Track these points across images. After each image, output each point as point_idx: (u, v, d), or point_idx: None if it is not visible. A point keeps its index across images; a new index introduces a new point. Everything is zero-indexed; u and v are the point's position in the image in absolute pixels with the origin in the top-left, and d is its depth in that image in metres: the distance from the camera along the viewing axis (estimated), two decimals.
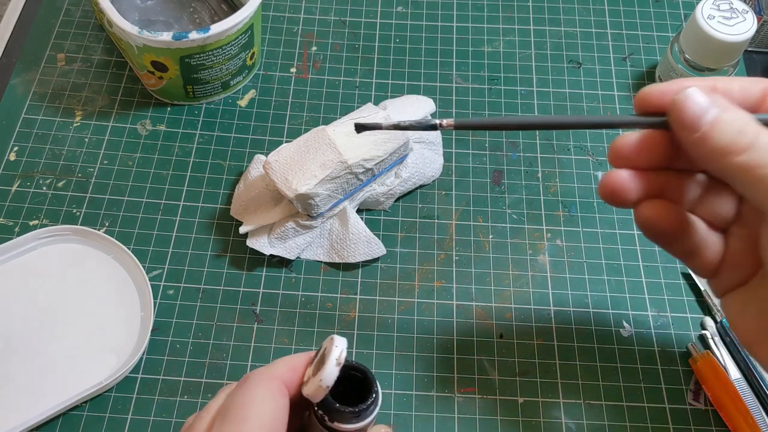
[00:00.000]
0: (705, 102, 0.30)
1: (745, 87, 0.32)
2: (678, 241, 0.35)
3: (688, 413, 0.43)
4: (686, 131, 0.31)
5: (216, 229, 0.48)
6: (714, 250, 0.35)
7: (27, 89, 0.53)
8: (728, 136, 0.29)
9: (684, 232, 0.34)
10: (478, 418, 0.42)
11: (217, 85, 0.52)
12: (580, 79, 0.55)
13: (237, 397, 0.30)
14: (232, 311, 0.45)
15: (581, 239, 0.48)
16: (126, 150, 0.51)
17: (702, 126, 0.30)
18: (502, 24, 0.58)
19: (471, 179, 0.51)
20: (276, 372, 0.31)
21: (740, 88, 0.32)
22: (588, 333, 0.45)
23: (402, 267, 0.47)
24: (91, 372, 0.42)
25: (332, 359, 0.30)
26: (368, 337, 0.45)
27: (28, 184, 0.49)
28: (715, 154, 0.30)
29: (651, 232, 0.35)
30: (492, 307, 0.46)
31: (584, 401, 0.43)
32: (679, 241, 0.35)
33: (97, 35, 0.56)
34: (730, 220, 0.35)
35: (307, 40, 0.57)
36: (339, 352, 0.30)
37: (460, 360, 0.44)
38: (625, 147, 0.33)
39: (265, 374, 0.31)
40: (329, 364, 0.30)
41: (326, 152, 0.44)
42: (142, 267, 0.45)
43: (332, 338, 0.31)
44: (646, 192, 0.34)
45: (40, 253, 0.46)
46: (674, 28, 0.58)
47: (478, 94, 0.54)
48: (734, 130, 0.29)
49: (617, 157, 0.34)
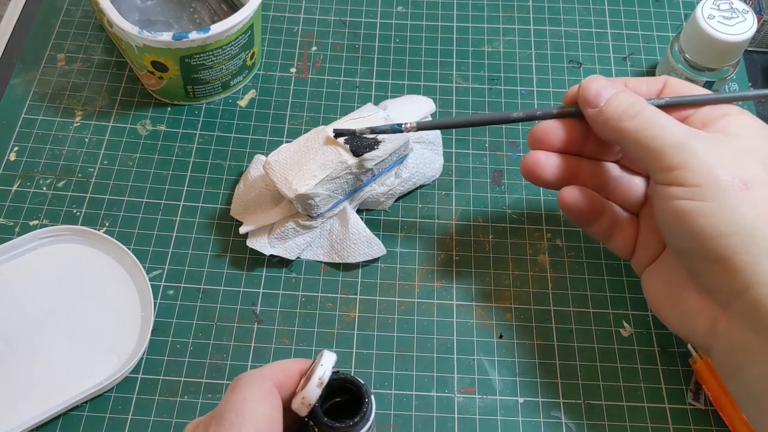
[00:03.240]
0: (604, 83, 0.38)
1: (651, 82, 0.40)
2: (595, 222, 0.41)
3: (688, 413, 0.43)
4: (588, 106, 0.38)
5: (216, 229, 0.48)
6: (628, 231, 0.42)
7: (27, 89, 0.53)
8: (620, 108, 0.37)
9: (600, 214, 0.41)
10: (478, 418, 0.42)
11: (217, 85, 0.52)
12: (580, 79, 0.55)
13: (230, 400, 0.30)
14: (232, 311, 0.45)
15: (581, 239, 0.48)
16: (126, 150, 0.51)
17: (600, 102, 0.38)
18: (502, 24, 0.58)
19: (471, 179, 0.51)
20: (268, 373, 0.31)
21: (647, 83, 0.40)
22: (588, 333, 0.45)
23: (402, 267, 0.47)
24: (91, 372, 0.42)
25: (315, 379, 0.30)
26: (368, 337, 0.45)
27: (28, 184, 0.49)
28: (611, 121, 0.37)
29: (571, 214, 0.41)
30: (492, 307, 0.46)
31: (584, 401, 0.43)
32: (597, 222, 0.41)
33: (97, 35, 0.56)
34: (640, 204, 0.42)
35: (307, 40, 0.57)
36: (323, 372, 0.31)
37: (460, 360, 0.44)
38: (540, 131, 0.41)
39: (257, 376, 0.31)
40: (311, 384, 0.30)
41: (326, 152, 0.44)
42: (142, 267, 0.45)
43: (321, 354, 0.31)
44: (560, 171, 0.41)
45: (40, 253, 0.46)
46: (674, 28, 0.58)
47: (478, 94, 0.54)
48: (625, 103, 0.37)
49: (534, 140, 0.41)
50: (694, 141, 0.35)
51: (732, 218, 0.34)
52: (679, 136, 0.36)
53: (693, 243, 0.35)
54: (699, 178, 0.34)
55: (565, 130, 0.41)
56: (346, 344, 0.44)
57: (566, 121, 0.41)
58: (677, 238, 0.36)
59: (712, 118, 0.38)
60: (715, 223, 0.34)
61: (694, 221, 0.34)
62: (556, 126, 0.41)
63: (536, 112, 0.41)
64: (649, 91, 0.40)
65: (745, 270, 0.33)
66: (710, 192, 0.34)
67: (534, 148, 0.41)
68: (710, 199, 0.34)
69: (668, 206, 0.35)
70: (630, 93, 0.38)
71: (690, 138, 0.36)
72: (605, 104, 0.38)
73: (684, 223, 0.35)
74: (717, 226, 0.34)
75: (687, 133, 0.36)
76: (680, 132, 0.36)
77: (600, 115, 0.38)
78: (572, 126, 0.41)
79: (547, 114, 0.41)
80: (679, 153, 0.35)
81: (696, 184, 0.34)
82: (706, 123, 0.38)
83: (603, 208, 0.41)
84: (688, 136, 0.36)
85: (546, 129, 0.41)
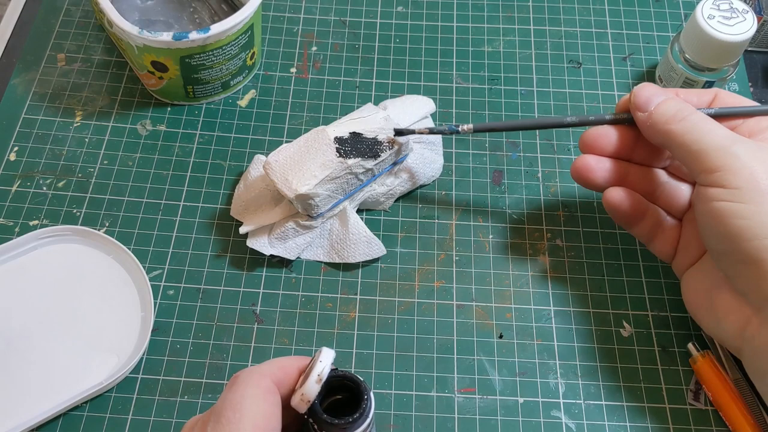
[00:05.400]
0: (656, 91, 0.40)
1: (701, 93, 0.42)
2: (639, 223, 0.43)
3: (688, 413, 0.43)
4: (639, 110, 0.40)
5: (216, 229, 0.48)
6: (671, 234, 0.43)
7: (27, 89, 0.53)
8: (669, 112, 0.39)
9: (643, 216, 0.43)
10: (478, 418, 0.42)
11: (217, 85, 0.52)
12: (580, 79, 0.55)
13: (228, 397, 0.30)
14: (232, 311, 0.45)
15: (581, 239, 0.48)
16: (126, 150, 0.51)
17: (650, 107, 0.40)
18: (502, 24, 0.58)
19: (471, 179, 0.51)
20: (266, 370, 0.31)
21: (697, 94, 0.42)
22: (588, 333, 0.45)
23: (402, 267, 0.47)
24: (91, 372, 0.42)
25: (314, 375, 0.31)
26: (368, 337, 0.45)
27: (28, 184, 0.49)
28: (659, 124, 0.39)
29: (615, 214, 0.43)
30: (492, 307, 0.46)
31: (584, 401, 0.43)
32: (640, 223, 0.43)
33: (97, 35, 0.56)
34: (684, 209, 0.43)
35: (307, 40, 0.57)
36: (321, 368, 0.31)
37: (460, 360, 0.44)
38: (591, 136, 0.42)
39: (256, 373, 0.31)
40: (310, 380, 0.31)
41: (326, 152, 0.44)
42: (143, 267, 0.45)
43: (320, 351, 0.31)
44: (609, 175, 0.42)
45: (40, 254, 0.46)
46: (674, 28, 0.58)
47: (478, 94, 0.54)
48: (674, 108, 0.39)
49: (585, 144, 0.43)
50: (738, 145, 0.36)
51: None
52: (723, 140, 0.37)
53: (729, 245, 0.36)
54: (739, 180, 0.35)
55: (617, 136, 0.42)
56: (346, 344, 0.44)
57: (618, 127, 0.42)
58: (714, 240, 0.37)
59: (759, 128, 0.39)
60: (751, 225, 0.35)
61: (732, 222, 0.35)
62: (607, 132, 0.42)
63: (589, 117, 0.43)
64: (700, 102, 0.41)
65: None
66: (749, 195, 0.35)
67: (585, 152, 0.43)
68: (749, 201, 0.35)
69: (708, 207, 0.36)
70: (679, 100, 0.40)
71: (734, 142, 0.37)
72: (655, 109, 0.39)
73: (721, 225, 0.36)
74: (753, 228, 0.35)
75: (731, 138, 0.37)
76: (725, 136, 0.37)
77: (649, 119, 0.40)
78: (623, 132, 0.42)
79: (600, 120, 0.43)
80: (721, 156, 0.36)
81: (736, 187, 0.35)
82: (753, 133, 0.39)
83: (646, 211, 0.43)
84: (732, 141, 0.37)
85: (597, 134, 0.42)
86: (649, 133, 0.40)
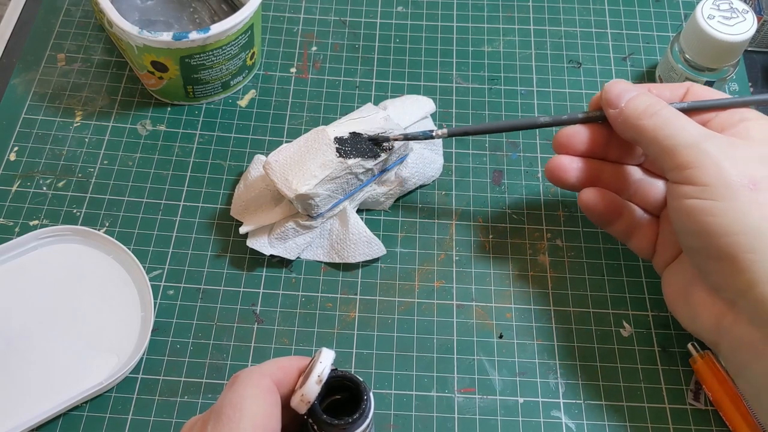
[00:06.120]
0: (627, 86, 0.40)
1: (674, 88, 0.41)
2: (615, 222, 0.43)
3: (688, 413, 0.43)
4: (610, 107, 0.40)
5: (216, 229, 0.48)
6: (648, 231, 0.43)
7: (27, 89, 0.53)
8: (640, 108, 0.39)
9: (619, 215, 0.43)
10: (478, 418, 0.42)
11: (217, 85, 0.52)
12: (580, 79, 0.55)
13: (228, 396, 0.30)
14: (232, 311, 0.45)
15: (581, 239, 0.48)
16: (126, 150, 0.51)
17: (621, 102, 0.39)
18: (502, 24, 0.58)
19: (471, 179, 0.51)
20: (266, 370, 0.31)
21: (670, 89, 0.41)
22: (588, 333, 0.45)
23: (402, 267, 0.47)
24: (91, 372, 0.42)
25: (313, 376, 0.31)
26: (368, 337, 0.45)
27: (28, 184, 0.49)
28: (630, 119, 0.39)
29: (590, 214, 0.43)
30: (492, 307, 0.46)
31: (584, 401, 0.43)
32: (617, 222, 0.43)
33: (97, 35, 0.56)
34: (660, 206, 0.43)
35: (307, 40, 0.57)
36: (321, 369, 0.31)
37: (460, 360, 0.44)
38: (564, 136, 0.42)
39: (255, 373, 0.31)
40: (309, 381, 0.31)
41: (326, 152, 0.44)
42: (143, 267, 0.45)
43: (320, 351, 0.31)
44: (583, 174, 0.42)
45: (40, 254, 0.46)
46: (674, 28, 0.58)
47: (478, 94, 0.54)
48: (645, 103, 0.39)
49: (558, 145, 0.43)
50: (708, 141, 0.36)
51: (739, 217, 0.34)
52: (694, 136, 0.36)
53: (701, 241, 0.36)
54: (709, 177, 0.35)
55: (589, 135, 0.42)
56: (346, 344, 0.44)
57: (590, 126, 0.42)
58: (687, 237, 0.37)
59: (731, 122, 0.39)
60: (722, 221, 0.34)
61: (703, 219, 0.35)
62: (580, 131, 0.42)
63: (562, 117, 0.43)
64: (673, 96, 0.41)
65: (751, 268, 0.34)
66: (719, 191, 0.35)
67: (558, 152, 0.43)
68: (719, 198, 0.35)
69: (679, 204, 0.36)
70: (650, 95, 0.39)
71: (704, 138, 0.36)
72: (626, 104, 0.39)
73: (693, 221, 0.36)
74: (724, 224, 0.34)
75: (702, 134, 0.37)
76: (695, 132, 0.37)
77: (621, 115, 0.39)
78: (596, 131, 0.42)
79: (573, 119, 0.42)
80: (691, 152, 0.36)
81: (705, 183, 0.35)
82: (724, 127, 0.39)
83: (622, 209, 0.43)
84: (702, 137, 0.36)
85: (570, 134, 0.42)
86: (621, 130, 0.40)
